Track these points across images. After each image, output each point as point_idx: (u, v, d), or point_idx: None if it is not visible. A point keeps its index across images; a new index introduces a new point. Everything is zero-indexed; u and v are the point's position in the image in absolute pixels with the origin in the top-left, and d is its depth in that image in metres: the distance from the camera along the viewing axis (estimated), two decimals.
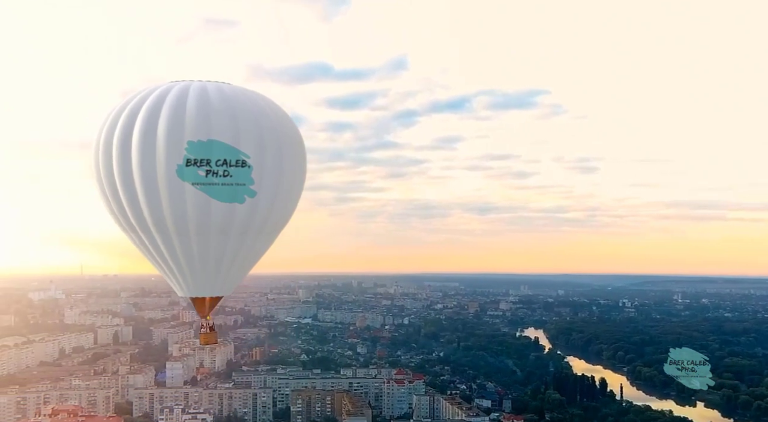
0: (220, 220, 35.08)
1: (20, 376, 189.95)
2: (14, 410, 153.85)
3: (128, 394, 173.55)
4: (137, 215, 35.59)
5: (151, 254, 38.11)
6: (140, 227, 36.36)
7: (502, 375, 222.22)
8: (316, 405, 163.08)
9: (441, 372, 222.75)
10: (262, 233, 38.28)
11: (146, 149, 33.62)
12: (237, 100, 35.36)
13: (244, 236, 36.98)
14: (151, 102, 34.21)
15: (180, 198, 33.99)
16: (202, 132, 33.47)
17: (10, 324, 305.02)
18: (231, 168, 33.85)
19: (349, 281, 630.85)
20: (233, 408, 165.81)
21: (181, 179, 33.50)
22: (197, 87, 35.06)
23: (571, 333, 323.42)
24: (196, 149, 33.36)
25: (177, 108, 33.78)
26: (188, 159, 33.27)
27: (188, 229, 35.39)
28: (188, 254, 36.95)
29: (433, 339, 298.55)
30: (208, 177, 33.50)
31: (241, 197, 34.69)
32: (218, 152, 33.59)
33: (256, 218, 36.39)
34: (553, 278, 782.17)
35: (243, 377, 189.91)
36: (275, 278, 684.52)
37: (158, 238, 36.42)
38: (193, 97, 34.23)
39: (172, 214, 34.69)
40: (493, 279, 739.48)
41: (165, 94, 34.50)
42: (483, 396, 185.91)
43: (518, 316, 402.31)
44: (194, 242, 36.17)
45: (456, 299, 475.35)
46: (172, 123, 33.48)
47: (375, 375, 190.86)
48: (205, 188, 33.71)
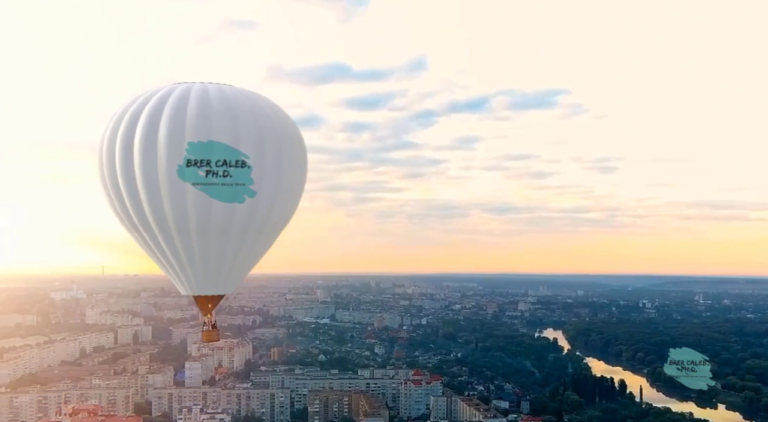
0: (221, 219, 35.64)
1: (42, 375, 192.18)
2: (36, 409, 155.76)
3: (147, 394, 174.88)
4: (140, 214, 36.25)
5: (154, 253, 38.76)
6: (143, 227, 36.99)
7: (520, 376, 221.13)
8: (334, 406, 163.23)
9: (459, 373, 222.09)
10: (262, 232, 38.77)
11: (148, 150, 34.28)
12: (237, 101, 35.86)
13: (244, 236, 37.48)
14: (153, 104, 34.81)
15: (181, 198, 34.64)
16: (203, 133, 34.05)
17: (32, 323, 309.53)
18: (231, 168, 34.43)
19: (368, 282, 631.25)
20: (251, 408, 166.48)
21: (181, 179, 34.14)
22: (198, 89, 35.59)
23: (590, 333, 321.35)
24: (197, 149, 33.96)
25: (178, 110, 34.36)
26: (189, 160, 33.90)
27: (189, 228, 35.97)
28: (190, 253, 37.53)
29: (451, 339, 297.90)
30: (208, 177, 34.13)
31: (241, 197, 35.25)
32: (218, 153, 34.18)
33: (256, 217, 36.87)
34: (573, 279, 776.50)
35: (261, 377, 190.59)
36: (294, 278, 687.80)
37: (160, 237, 37.04)
38: (194, 99, 34.79)
39: (173, 213, 35.32)
40: (512, 280, 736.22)
41: (167, 96, 35.08)
42: (501, 398, 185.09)
43: (537, 317, 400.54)
44: (195, 241, 36.72)
45: (474, 299, 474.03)
46: (173, 124, 34.09)
47: (392, 375, 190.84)
48: (205, 188, 34.32)
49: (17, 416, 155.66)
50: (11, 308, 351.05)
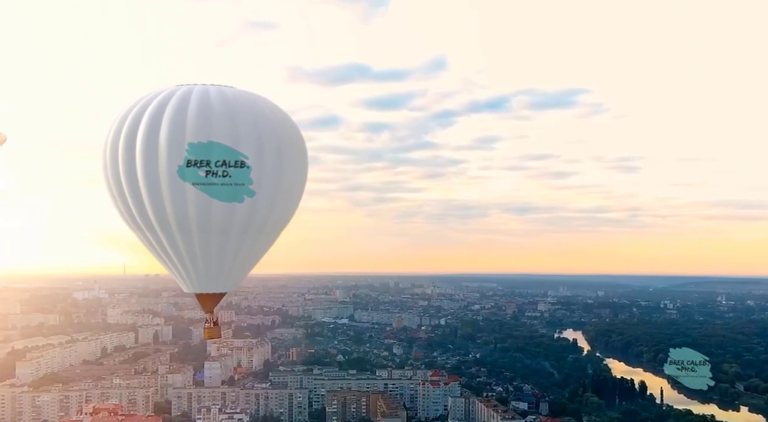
0: (221, 219, 36.15)
1: (64, 374, 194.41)
2: (57, 408, 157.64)
3: (167, 393, 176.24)
4: (142, 213, 36.91)
5: (157, 251, 39.44)
6: (145, 226, 37.64)
7: (539, 377, 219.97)
8: (352, 406, 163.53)
9: (477, 374, 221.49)
10: (262, 231, 39.24)
11: (149, 151, 34.94)
12: (237, 103, 36.37)
13: (244, 235, 38.00)
14: (154, 105, 35.46)
15: (181, 198, 35.17)
16: (203, 134, 34.53)
17: (55, 323, 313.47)
18: (230, 169, 34.84)
19: (387, 282, 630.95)
20: (269, 408, 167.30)
21: (182, 179, 34.64)
22: (199, 91, 36.19)
23: (610, 334, 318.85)
24: (197, 150, 34.43)
25: (179, 111, 34.95)
26: (189, 160, 34.37)
27: (190, 227, 36.51)
28: (191, 252, 38.12)
29: (469, 340, 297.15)
30: (207, 177, 34.59)
31: (240, 197, 35.62)
32: (218, 153, 34.62)
33: (256, 217, 37.33)
34: (593, 279, 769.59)
35: (280, 377, 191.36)
36: (313, 278, 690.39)
37: (162, 236, 37.65)
38: (194, 101, 35.38)
39: (174, 213, 35.88)
40: (532, 280, 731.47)
41: (168, 97, 35.72)
42: (519, 399, 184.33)
43: (557, 317, 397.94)
44: (196, 240, 37.31)
45: (493, 300, 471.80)
46: (174, 125, 34.62)
47: (410, 376, 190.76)
48: (205, 188, 34.81)
49: (39, 415, 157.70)
50: (35, 307, 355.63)
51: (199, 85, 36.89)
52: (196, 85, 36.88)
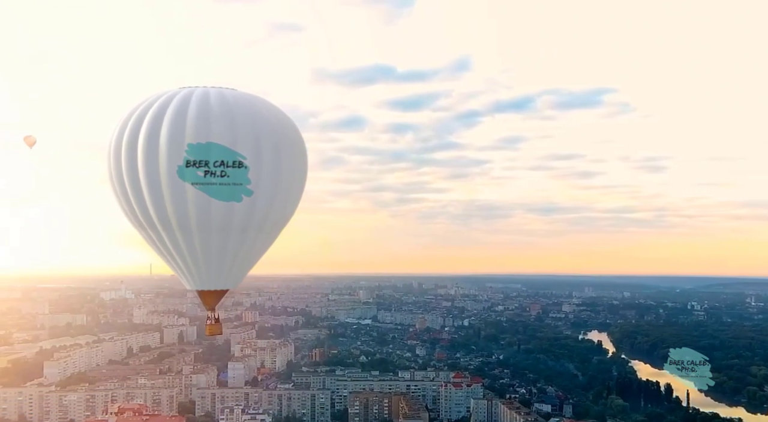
0: (220, 218, 37.08)
1: (90, 374, 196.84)
2: (84, 407, 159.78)
3: (191, 394, 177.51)
4: (144, 213, 38.03)
5: (160, 249, 40.54)
6: (148, 225, 38.76)
7: (563, 379, 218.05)
8: (374, 408, 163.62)
9: (500, 376, 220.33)
10: (262, 230, 40.08)
11: (150, 151, 36.04)
12: (237, 104, 37.20)
13: (244, 233, 38.90)
14: (156, 107, 36.50)
15: (181, 197, 36.27)
16: (202, 135, 35.50)
17: (83, 323, 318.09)
18: (228, 169, 35.77)
19: (410, 282, 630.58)
20: (292, 409, 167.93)
21: (181, 179, 35.64)
22: (200, 93, 37.10)
23: (636, 336, 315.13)
24: (196, 150, 35.44)
25: (179, 113, 35.90)
26: (188, 160, 35.41)
27: (191, 226, 37.47)
28: (192, 250, 39.16)
29: (493, 341, 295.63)
30: (206, 177, 35.59)
31: (239, 196, 36.58)
32: (216, 154, 35.58)
33: (255, 216, 38.20)
34: (618, 280, 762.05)
35: (302, 378, 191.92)
36: (336, 278, 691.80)
37: (164, 234, 38.72)
38: (194, 103, 36.30)
39: (174, 212, 36.91)
40: (556, 281, 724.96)
41: (170, 99, 36.67)
42: (543, 401, 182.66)
43: (581, 318, 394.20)
44: (197, 238, 38.29)
45: (517, 301, 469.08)
46: (174, 127, 35.72)
47: (433, 377, 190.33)
48: (204, 188, 35.75)
49: (66, 414, 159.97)
50: (63, 307, 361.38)
51: (200, 87, 37.75)
52: (198, 87, 37.75)
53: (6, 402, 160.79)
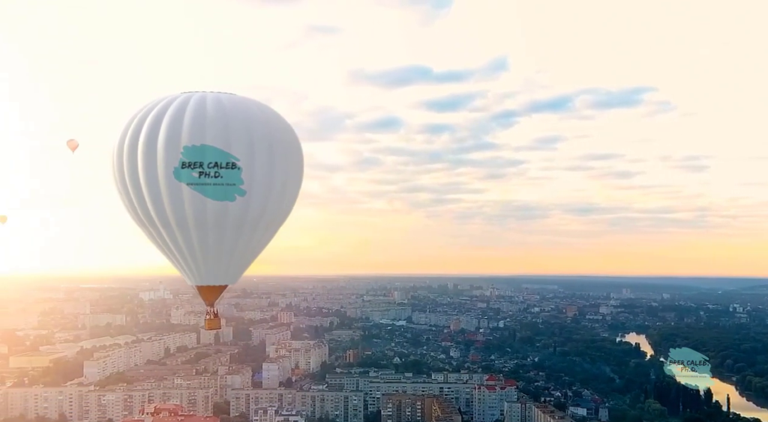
0: (215, 216, 39.04)
1: (129, 374, 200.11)
2: (122, 407, 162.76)
3: (226, 394, 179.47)
4: (144, 211, 40.20)
5: (161, 246, 42.65)
6: (149, 223, 40.89)
7: (599, 382, 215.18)
8: (407, 410, 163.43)
9: (535, 378, 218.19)
10: (257, 228, 41.92)
11: (149, 154, 38.03)
12: (232, 109, 38.98)
13: (239, 231, 40.70)
14: (156, 111, 38.48)
15: (178, 197, 38.22)
16: (197, 138, 37.42)
17: (122, 323, 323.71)
18: (222, 170, 37.64)
19: (445, 283, 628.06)
20: (325, 410, 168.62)
21: (177, 179, 37.82)
22: (198, 97, 38.90)
23: (675, 339, 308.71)
24: (191, 153, 37.35)
25: (176, 116, 37.87)
26: (183, 162, 37.37)
27: (188, 224, 39.53)
28: (190, 247, 41.21)
29: (528, 343, 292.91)
30: (201, 178, 37.56)
31: (232, 196, 38.43)
32: (210, 156, 37.42)
33: (249, 214, 40.05)
34: (658, 281, 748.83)
35: (336, 379, 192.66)
36: (371, 279, 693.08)
37: (164, 232, 40.83)
38: (191, 107, 38.15)
39: (172, 211, 39.01)
40: (594, 282, 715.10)
41: (169, 104, 38.61)
42: (578, 404, 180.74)
43: (619, 321, 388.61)
44: (194, 236, 40.25)
45: (554, 302, 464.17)
46: (171, 130, 37.64)
47: (466, 380, 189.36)
48: (199, 188, 37.79)
49: (105, 414, 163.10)
50: (103, 308, 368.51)
51: (199, 92, 39.46)
52: (197, 92, 39.46)
53: (47, 401, 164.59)
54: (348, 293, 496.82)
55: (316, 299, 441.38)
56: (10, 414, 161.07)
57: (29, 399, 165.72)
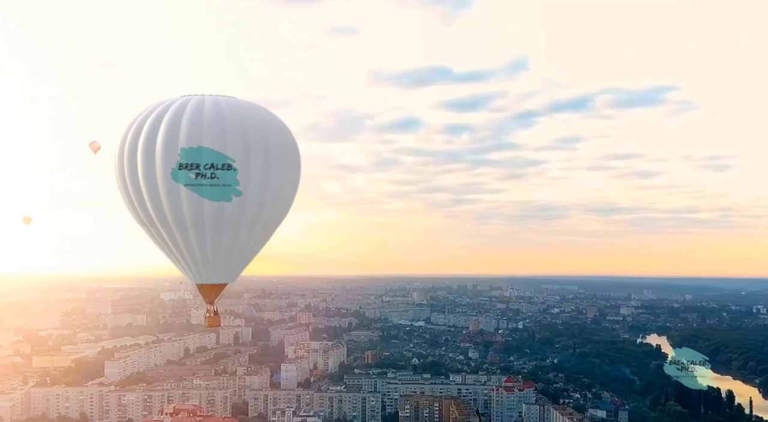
0: (212, 216, 39.99)
1: (149, 374, 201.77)
2: (141, 407, 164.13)
3: (245, 395, 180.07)
4: (145, 212, 41.22)
5: (162, 246, 43.75)
6: (149, 223, 41.96)
7: (619, 384, 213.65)
8: (424, 411, 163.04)
9: (554, 380, 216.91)
10: (254, 228, 42.81)
11: (148, 155, 39.11)
12: (229, 111, 39.84)
13: (236, 231, 41.63)
14: (155, 114, 39.54)
15: (176, 197, 39.26)
16: (194, 140, 38.43)
17: (143, 323, 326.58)
18: (218, 171, 38.60)
19: (464, 284, 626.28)
20: (343, 411, 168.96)
21: (175, 180, 38.77)
22: (196, 100, 39.80)
23: (697, 340, 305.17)
24: (188, 154, 38.38)
25: (174, 119, 38.87)
26: (181, 163, 38.39)
27: (186, 224, 40.53)
28: (189, 246, 42.22)
29: (547, 344, 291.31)
30: (197, 179, 38.54)
31: (228, 197, 39.35)
32: (207, 157, 38.42)
33: (245, 214, 41.03)
34: (680, 282, 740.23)
35: (354, 380, 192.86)
36: (390, 280, 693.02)
37: (163, 232, 41.85)
38: (189, 110, 39.06)
39: (171, 211, 40.21)
40: (615, 283, 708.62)
41: (168, 107, 39.59)
42: (597, 407, 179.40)
43: (640, 322, 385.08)
44: (192, 235, 41.18)
45: (574, 303, 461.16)
46: (169, 132, 38.69)
47: (484, 381, 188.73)
48: (195, 189, 38.74)
49: (125, 413, 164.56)
50: (125, 308, 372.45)
51: (198, 95, 40.39)
52: (196, 95, 40.41)
53: (68, 400, 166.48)
54: (367, 294, 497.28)
55: (335, 300, 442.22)
56: (33, 413, 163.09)
57: (51, 398, 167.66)
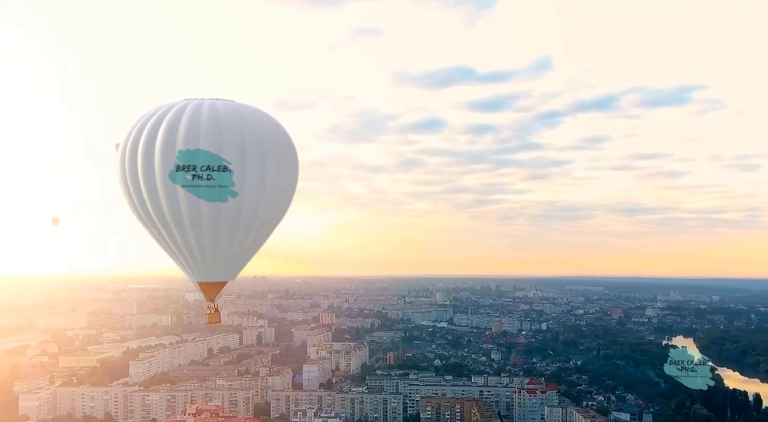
0: (209, 216, 41.37)
1: (172, 374, 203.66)
2: (165, 407, 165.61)
3: (267, 395, 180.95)
4: (145, 212, 42.67)
5: (163, 245, 45.19)
6: (150, 223, 43.42)
7: (643, 387, 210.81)
8: (446, 413, 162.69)
9: (578, 382, 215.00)
10: (251, 227, 44.07)
11: (148, 157, 40.63)
12: (226, 115, 41.13)
13: (234, 230, 42.94)
14: (156, 117, 40.99)
15: (174, 198, 40.67)
16: (191, 142, 39.74)
17: (167, 323, 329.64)
18: (214, 172, 39.85)
19: (488, 285, 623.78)
20: (364, 412, 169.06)
21: (173, 182, 40.10)
22: (195, 104, 41.12)
23: (724, 342, 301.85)
24: (185, 156, 39.69)
25: (173, 122, 40.37)
26: (178, 165, 39.75)
27: (184, 224, 42.09)
28: (188, 245, 43.61)
29: (571, 346, 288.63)
30: (194, 180, 39.83)
31: (224, 197, 40.59)
32: (203, 159, 39.69)
33: (242, 214, 42.22)
34: (707, 283, 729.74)
35: (376, 381, 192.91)
36: (413, 280, 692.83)
37: (164, 232, 43.29)
38: (187, 113, 40.36)
39: (170, 211, 41.51)
40: (640, 284, 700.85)
41: (167, 111, 40.94)
42: (621, 409, 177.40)
43: (666, 323, 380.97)
44: (191, 235, 42.56)
45: (598, 304, 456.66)
46: (167, 135, 40.13)
47: (506, 383, 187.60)
48: (192, 190, 40.06)
49: (149, 414, 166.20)
50: (150, 308, 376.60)
51: (197, 99, 41.80)
52: (194, 99, 41.78)
53: (93, 400, 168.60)
54: (390, 295, 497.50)
55: (358, 301, 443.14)
56: (59, 413, 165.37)
57: (77, 398, 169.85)
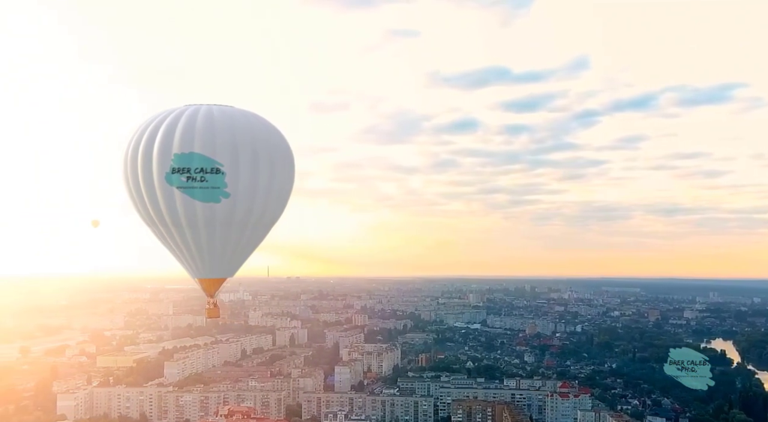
0: (204, 216, 43.51)
1: (206, 375, 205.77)
2: (198, 408, 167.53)
3: (299, 397, 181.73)
4: (146, 212, 45.30)
5: (164, 243, 47.52)
6: (150, 222, 46.13)
7: (680, 391, 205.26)
8: (477, 416, 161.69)
9: (612, 385, 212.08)
10: (246, 227, 46.15)
11: (146, 160, 42.94)
12: (221, 119, 43.41)
13: (228, 230, 45.15)
14: (155, 122, 43.30)
15: (171, 199, 42.87)
16: (186, 146, 42.01)
17: (202, 324, 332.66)
18: (207, 175, 42.10)
19: (522, 286, 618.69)
20: (395, 415, 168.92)
21: (169, 183, 42.40)
22: (192, 110, 43.51)
23: (765, 345, 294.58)
24: (180, 159, 41.95)
25: (170, 127, 42.62)
26: (173, 168, 42.08)
27: (182, 223, 44.24)
28: (186, 244, 45.94)
29: (606, 348, 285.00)
30: (188, 182, 42.07)
31: (217, 198, 42.78)
32: (197, 162, 41.93)
33: (235, 215, 44.26)
34: (748, 285, 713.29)
35: (408, 383, 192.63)
36: (447, 281, 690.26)
37: (163, 231, 45.69)
38: (184, 118, 42.67)
39: (167, 211, 43.73)
40: (678, 285, 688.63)
41: (166, 116, 43.34)
42: (657, 414, 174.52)
43: (704, 326, 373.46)
44: (188, 234, 44.92)
45: (635, 306, 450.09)
46: (164, 139, 42.45)
47: (539, 386, 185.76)
48: (187, 191, 42.27)
49: (182, 414, 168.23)
50: (185, 309, 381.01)
51: (195, 105, 44.14)
52: (193, 105, 44.14)
53: (129, 400, 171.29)
54: (423, 296, 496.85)
55: (391, 302, 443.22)
56: (95, 412, 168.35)
57: (113, 398, 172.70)
